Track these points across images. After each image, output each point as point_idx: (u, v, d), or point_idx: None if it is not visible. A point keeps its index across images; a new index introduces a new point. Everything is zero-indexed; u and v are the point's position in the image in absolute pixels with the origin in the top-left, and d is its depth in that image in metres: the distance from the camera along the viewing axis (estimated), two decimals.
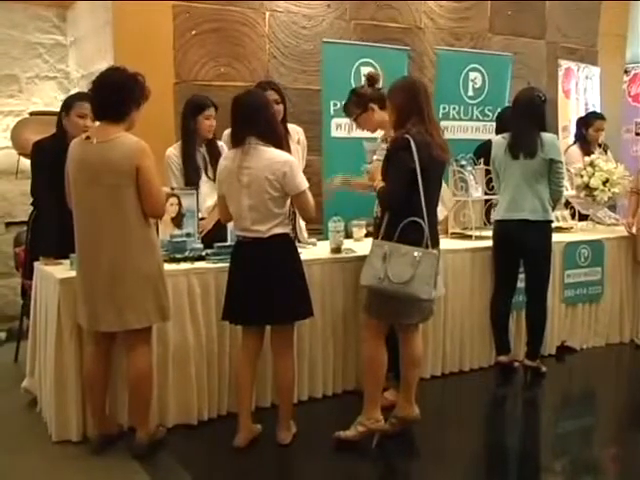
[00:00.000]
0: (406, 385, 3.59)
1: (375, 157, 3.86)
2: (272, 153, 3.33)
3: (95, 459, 3.34)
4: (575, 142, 6.16)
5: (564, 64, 7.16)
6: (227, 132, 3.82)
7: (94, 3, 5.77)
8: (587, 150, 5.74)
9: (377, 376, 3.50)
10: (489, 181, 4.82)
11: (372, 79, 4.05)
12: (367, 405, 3.50)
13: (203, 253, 3.86)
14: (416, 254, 3.31)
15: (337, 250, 4.15)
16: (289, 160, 3.36)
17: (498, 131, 5.36)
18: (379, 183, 3.46)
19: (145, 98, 3.33)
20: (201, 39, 5.82)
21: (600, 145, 5.95)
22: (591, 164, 5.36)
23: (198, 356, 3.69)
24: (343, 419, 3.56)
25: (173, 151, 4.26)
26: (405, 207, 3.35)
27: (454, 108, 5.88)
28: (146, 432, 3.37)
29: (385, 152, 3.55)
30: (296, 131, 4.58)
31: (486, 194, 4.95)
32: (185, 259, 3.79)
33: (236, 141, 3.37)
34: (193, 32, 5.73)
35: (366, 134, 4.27)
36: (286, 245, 3.43)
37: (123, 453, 3.37)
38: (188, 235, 3.92)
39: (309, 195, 3.41)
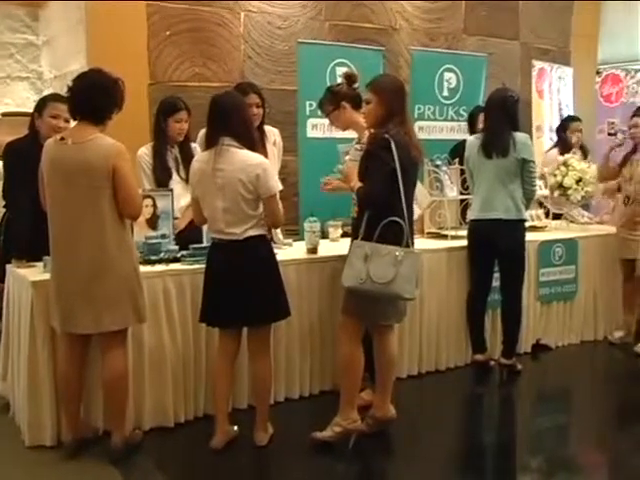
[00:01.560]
0: (382, 385, 3.60)
1: (348, 157, 3.87)
2: (246, 155, 3.32)
3: (70, 464, 3.30)
4: (555, 146, 6.21)
5: (538, 65, 7.23)
6: (202, 132, 3.81)
7: (66, 2, 5.71)
8: (565, 153, 5.80)
9: (354, 377, 3.51)
10: (464, 181, 4.85)
11: (350, 78, 4.05)
12: (343, 405, 3.50)
13: (178, 255, 3.83)
14: (397, 254, 3.31)
15: (313, 250, 4.14)
16: (263, 162, 3.36)
17: (470, 131, 5.41)
18: (356, 184, 3.46)
19: (124, 102, 3.33)
20: (176, 39, 5.80)
21: (581, 148, 6.00)
22: (564, 163, 5.41)
23: (174, 358, 3.67)
24: (320, 420, 3.56)
25: (145, 151, 4.24)
26: (384, 207, 3.36)
27: (429, 108, 5.92)
28: (122, 435, 3.35)
29: (359, 152, 3.55)
30: (272, 132, 4.58)
31: (461, 194, 4.97)
32: (160, 261, 3.77)
33: (210, 142, 3.36)
34: (167, 32, 5.71)
35: (341, 134, 4.29)
36: (262, 246, 3.42)
37: (99, 457, 3.33)
38: (163, 237, 3.90)
39: (279, 201, 3.41)
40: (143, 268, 3.56)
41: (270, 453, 3.46)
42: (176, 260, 3.80)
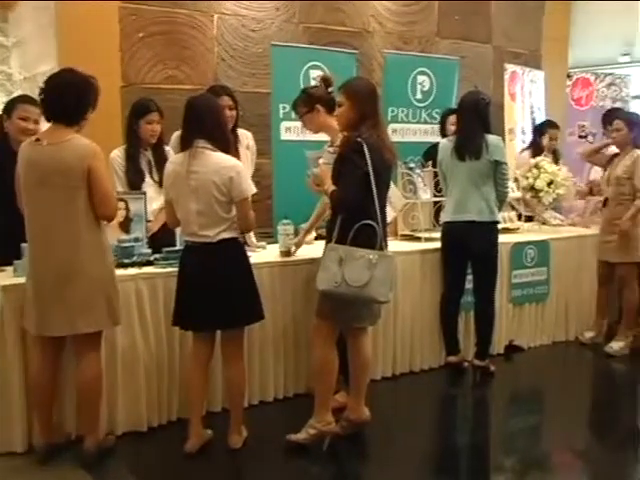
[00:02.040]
0: (356, 387, 3.61)
1: (321, 161, 3.86)
2: (220, 157, 3.31)
3: (42, 470, 3.26)
4: (528, 148, 6.28)
5: (510, 68, 7.29)
6: (176, 134, 3.79)
7: (36, 3, 5.65)
8: (537, 156, 5.87)
9: (328, 379, 3.51)
10: (437, 183, 4.88)
11: (326, 81, 4.05)
12: (318, 408, 3.50)
13: (151, 258, 3.81)
14: (372, 257, 3.32)
15: (287, 253, 4.14)
16: (237, 165, 3.35)
17: (441, 133, 5.45)
18: (330, 187, 3.45)
19: (97, 102, 3.30)
20: (148, 42, 5.77)
21: (553, 152, 6.07)
22: (536, 166, 5.47)
23: (147, 362, 3.64)
24: (294, 422, 3.56)
25: (117, 153, 4.22)
26: (358, 210, 3.36)
27: (402, 111, 5.94)
28: (95, 440, 3.31)
29: (333, 156, 3.56)
30: (245, 136, 4.57)
31: (435, 196, 5.00)
32: (133, 264, 3.74)
33: (185, 144, 3.36)
34: (140, 34, 5.68)
35: (315, 137, 4.30)
36: (235, 249, 3.41)
37: (71, 463, 3.30)
38: (136, 240, 3.87)
39: (251, 205, 3.41)
40: (115, 271, 3.53)
41: (244, 456, 3.45)
42: (149, 263, 3.78)
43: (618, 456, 3.64)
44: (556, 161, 5.86)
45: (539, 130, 6.21)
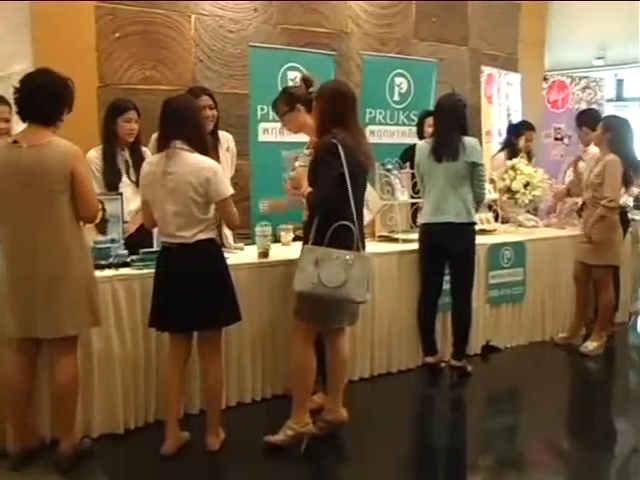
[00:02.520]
0: (334, 388, 3.61)
1: (297, 163, 3.87)
2: (197, 158, 3.30)
3: (16, 475, 3.22)
4: (502, 149, 6.32)
5: (486, 70, 7.34)
6: (155, 136, 3.77)
7: (11, 2, 5.58)
8: (513, 157, 5.91)
9: (306, 380, 3.51)
10: (415, 184, 4.90)
11: (307, 82, 4.05)
12: (296, 409, 3.50)
13: (128, 259, 3.79)
14: (348, 257, 3.33)
15: (264, 254, 4.14)
16: (213, 166, 3.34)
17: (418, 135, 5.48)
18: (307, 189, 3.47)
19: (74, 101, 3.27)
20: (125, 42, 5.74)
21: (527, 152, 6.12)
22: (513, 168, 5.51)
23: (124, 363, 3.62)
24: (272, 423, 3.55)
25: (94, 153, 4.19)
26: (333, 211, 3.37)
27: (380, 113, 5.95)
28: (70, 443, 3.28)
29: (309, 157, 3.56)
30: (226, 138, 4.56)
31: (412, 197, 5.02)
32: (110, 265, 3.72)
33: (162, 144, 3.34)
34: (117, 34, 5.65)
35: (293, 138, 4.30)
36: (212, 250, 3.40)
37: (46, 467, 3.25)
38: (113, 241, 3.85)
39: (232, 203, 3.41)
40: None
41: (222, 458, 3.44)
42: (126, 265, 3.76)
43: (593, 454, 3.68)
44: (529, 160, 5.92)
45: (515, 131, 6.25)
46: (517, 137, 6.12)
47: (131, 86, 5.72)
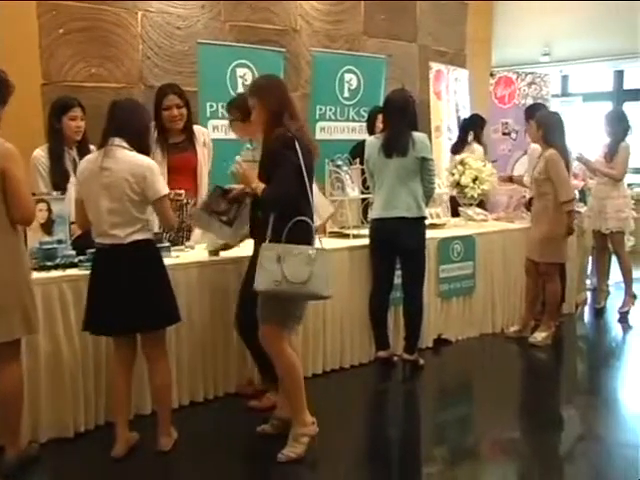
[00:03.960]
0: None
1: (240, 158, 3.80)
2: (134, 156, 3.27)
3: None
4: (458, 145, 6.44)
5: (435, 66, 7.40)
6: None
7: None
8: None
9: (299, 382, 3.41)
10: (365, 180, 4.92)
11: None
12: (296, 412, 3.39)
13: (75, 260, 3.72)
14: (311, 252, 3.28)
15: (215, 253, 4.11)
16: (151, 164, 3.31)
17: (369, 131, 5.51)
18: (259, 185, 3.39)
19: (9, 95, 3.16)
20: (70, 38, 5.64)
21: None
22: (461, 162, 5.58)
23: (72, 366, 3.55)
24: (226, 422, 3.54)
25: (41, 152, 4.11)
26: (291, 206, 3.31)
27: (330, 109, 5.97)
28: (17, 450, 3.21)
29: (252, 152, 3.52)
30: (201, 132, 4.52)
31: (362, 193, 5.05)
32: (56, 266, 3.65)
33: (101, 142, 3.30)
34: (60, 31, 5.54)
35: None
36: (148, 251, 3.35)
37: None
38: (59, 242, 3.77)
39: (168, 203, 3.38)
40: (37, 274, 3.46)
41: (174, 458, 3.40)
42: (73, 265, 3.69)
43: (542, 440, 3.74)
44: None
45: (474, 123, 6.39)
46: (481, 129, 6.28)
47: (76, 83, 5.63)
